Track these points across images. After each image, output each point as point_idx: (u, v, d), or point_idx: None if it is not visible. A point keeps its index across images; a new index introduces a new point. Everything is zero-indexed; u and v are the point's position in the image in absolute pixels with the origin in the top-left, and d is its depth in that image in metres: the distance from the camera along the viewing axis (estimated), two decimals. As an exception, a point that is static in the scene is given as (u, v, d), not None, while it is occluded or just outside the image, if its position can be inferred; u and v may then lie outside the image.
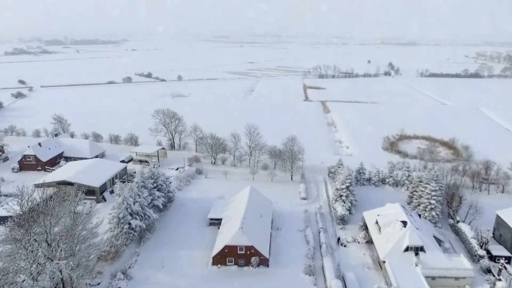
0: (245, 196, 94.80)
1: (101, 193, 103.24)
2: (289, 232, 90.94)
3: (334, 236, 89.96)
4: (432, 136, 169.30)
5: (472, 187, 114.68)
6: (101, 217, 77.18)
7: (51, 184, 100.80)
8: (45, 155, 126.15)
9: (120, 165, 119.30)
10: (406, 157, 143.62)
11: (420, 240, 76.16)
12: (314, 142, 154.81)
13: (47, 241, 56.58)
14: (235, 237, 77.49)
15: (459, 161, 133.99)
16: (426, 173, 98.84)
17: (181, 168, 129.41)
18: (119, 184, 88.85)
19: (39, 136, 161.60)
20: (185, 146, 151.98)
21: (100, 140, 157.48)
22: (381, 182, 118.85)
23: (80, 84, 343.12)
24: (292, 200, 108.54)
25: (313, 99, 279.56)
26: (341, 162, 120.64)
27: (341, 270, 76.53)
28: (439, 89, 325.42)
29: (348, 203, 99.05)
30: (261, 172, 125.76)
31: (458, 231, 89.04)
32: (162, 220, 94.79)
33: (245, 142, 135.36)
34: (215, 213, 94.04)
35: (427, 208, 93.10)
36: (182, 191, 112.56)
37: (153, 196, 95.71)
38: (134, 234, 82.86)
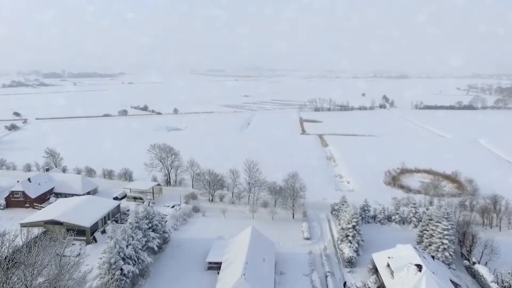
0: (246, 238, 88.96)
1: (92, 233, 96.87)
2: (293, 277, 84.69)
3: (342, 281, 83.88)
4: (433, 170, 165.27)
5: (482, 223, 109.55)
6: (90, 265, 71.09)
7: (39, 223, 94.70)
8: (34, 191, 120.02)
9: (113, 202, 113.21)
10: (410, 192, 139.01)
11: (438, 286, 70.29)
12: (314, 177, 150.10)
13: (28, 296, 50.47)
14: (237, 284, 71.32)
15: (465, 195, 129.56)
16: (436, 210, 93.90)
17: (177, 206, 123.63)
18: (111, 225, 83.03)
19: (29, 170, 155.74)
20: (181, 182, 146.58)
21: (93, 175, 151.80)
22: (386, 220, 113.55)
23: (75, 117, 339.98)
24: (294, 240, 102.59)
25: (310, 132, 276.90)
26: (344, 199, 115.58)
27: (352, 320, 70.34)
28: (435, 121, 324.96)
29: (355, 243, 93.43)
30: (261, 209, 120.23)
31: (475, 274, 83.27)
32: (157, 263, 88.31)
33: (244, 179, 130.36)
34: (214, 256, 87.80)
35: (440, 249, 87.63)
36: (178, 231, 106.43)
37: (148, 237, 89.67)
38: (126, 280, 76.16)
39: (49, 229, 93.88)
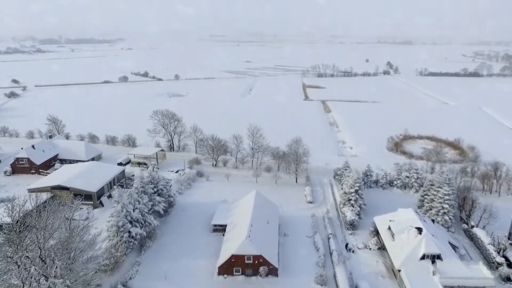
0: (250, 201, 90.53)
1: (98, 198, 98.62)
2: (297, 239, 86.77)
3: (344, 242, 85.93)
4: (436, 136, 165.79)
5: (482, 189, 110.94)
6: (99, 228, 72.83)
7: (46, 188, 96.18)
8: (39, 157, 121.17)
9: (117, 168, 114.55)
10: (412, 158, 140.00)
11: (436, 247, 72.22)
12: (317, 143, 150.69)
13: (41, 257, 52.05)
14: (243, 246, 73.22)
15: (467, 162, 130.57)
16: (438, 176, 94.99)
17: (181, 171, 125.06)
18: (117, 190, 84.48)
19: (32, 137, 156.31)
20: (185, 147, 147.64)
21: (96, 141, 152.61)
22: (388, 185, 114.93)
23: (75, 84, 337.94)
24: (298, 204, 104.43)
25: (313, 98, 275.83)
26: (347, 165, 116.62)
27: (354, 280, 72.49)
28: (439, 88, 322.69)
29: (357, 207, 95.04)
30: (264, 174, 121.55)
31: (473, 237, 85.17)
32: (163, 226, 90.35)
33: (247, 144, 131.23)
34: (219, 219, 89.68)
35: (440, 213, 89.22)
36: (183, 195, 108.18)
37: (154, 201, 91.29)
38: (134, 242, 78.41)
39: (56, 194, 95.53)
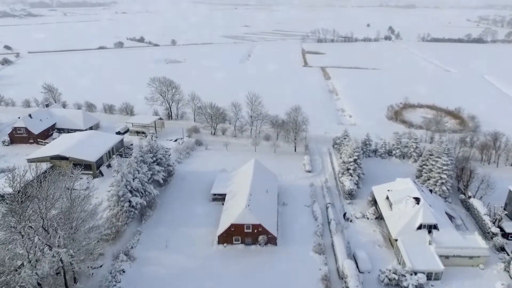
0: (249, 170, 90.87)
1: (97, 168, 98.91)
2: (295, 208, 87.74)
3: (342, 212, 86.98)
4: (436, 105, 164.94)
5: (480, 159, 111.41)
6: (99, 197, 73.40)
7: (45, 158, 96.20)
8: (36, 127, 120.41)
9: (116, 137, 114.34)
10: (412, 127, 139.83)
11: (434, 217, 73.21)
12: (316, 111, 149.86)
13: (44, 227, 52.64)
14: (242, 215, 74.02)
15: (467, 132, 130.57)
16: (437, 146, 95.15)
17: (180, 140, 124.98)
18: (116, 159, 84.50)
19: (29, 106, 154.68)
20: (183, 115, 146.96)
21: (94, 110, 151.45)
22: (387, 154, 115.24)
23: (69, 50, 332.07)
24: (296, 173, 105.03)
25: (313, 64, 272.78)
26: (346, 133, 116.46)
27: (351, 248, 73.82)
28: (441, 54, 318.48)
29: (356, 176, 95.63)
30: (263, 143, 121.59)
31: (469, 207, 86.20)
32: (163, 195, 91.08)
33: (246, 112, 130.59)
34: (218, 188, 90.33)
35: (438, 183, 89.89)
36: (182, 164, 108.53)
37: (153, 171, 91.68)
38: (134, 212, 79.20)
39: (56, 164, 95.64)
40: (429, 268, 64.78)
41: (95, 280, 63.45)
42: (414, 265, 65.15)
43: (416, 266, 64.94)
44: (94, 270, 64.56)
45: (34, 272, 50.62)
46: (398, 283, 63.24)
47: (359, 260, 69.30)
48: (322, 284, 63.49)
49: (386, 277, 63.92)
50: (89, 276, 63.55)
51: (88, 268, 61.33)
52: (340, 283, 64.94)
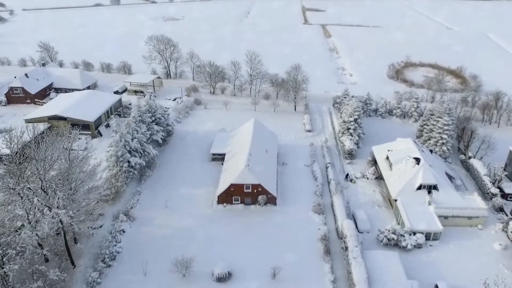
0: (249, 129, 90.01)
1: (96, 128, 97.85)
2: (295, 168, 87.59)
3: (342, 172, 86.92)
4: (438, 64, 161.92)
5: (482, 119, 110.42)
6: (98, 158, 72.93)
7: (43, 119, 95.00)
8: (33, 86, 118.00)
9: (114, 96, 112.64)
10: (413, 86, 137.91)
11: (433, 178, 73.13)
12: (316, 70, 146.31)
13: (43, 189, 52.33)
14: (242, 175, 73.82)
15: (468, 91, 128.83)
16: (438, 106, 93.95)
17: (179, 99, 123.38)
18: (114, 119, 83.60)
19: (25, 65, 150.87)
20: (182, 74, 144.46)
21: (91, 69, 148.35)
22: (388, 114, 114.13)
23: (65, 7, 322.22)
24: (296, 132, 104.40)
25: (313, 22, 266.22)
26: (347, 92, 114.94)
27: (351, 208, 74.20)
28: (444, 11, 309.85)
29: (356, 136, 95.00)
30: (263, 102, 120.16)
31: (469, 168, 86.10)
32: (162, 155, 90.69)
33: (245, 70, 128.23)
34: (217, 148, 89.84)
35: (438, 143, 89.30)
36: (181, 124, 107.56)
37: (152, 130, 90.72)
38: (134, 172, 78.95)
39: (54, 125, 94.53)
40: (428, 228, 65.27)
41: (95, 240, 63.94)
42: (413, 225, 65.58)
43: (415, 226, 65.40)
44: (94, 231, 64.95)
45: (34, 233, 50.78)
46: (397, 243, 63.85)
47: (358, 220, 69.74)
48: (321, 244, 64.06)
49: (385, 237, 64.50)
50: (89, 237, 64.03)
51: (88, 229, 61.59)
52: (339, 243, 65.56)
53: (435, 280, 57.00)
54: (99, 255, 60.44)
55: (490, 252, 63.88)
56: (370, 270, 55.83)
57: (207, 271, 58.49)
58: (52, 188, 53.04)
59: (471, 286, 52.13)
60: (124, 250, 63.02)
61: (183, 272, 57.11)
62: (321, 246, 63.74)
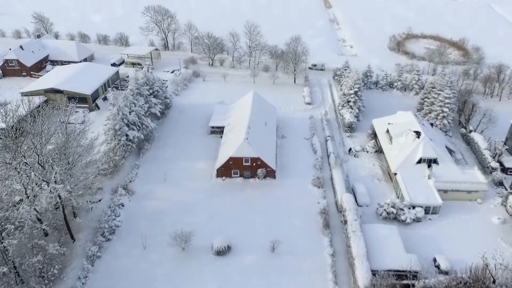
0: (248, 102, 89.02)
1: (93, 101, 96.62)
2: (295, 141, 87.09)
3: (341, 145, 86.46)
4: (440, 36, 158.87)
5: (483, 92, 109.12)
6: (96, 131, 72.14)
7: (39, 92, 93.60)
8: (29, 59, 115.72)
9: (111, 69, 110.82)
10: (414, 59, 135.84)
11: (434, 152, 72.72)
12: (316, 41, 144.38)
13: (40, 163, 51.75)
14: (241, 148, 73.27)
15: (470, 64, 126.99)
16: (440, 79, 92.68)
17: (177, 71, 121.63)
18: (112, 92, 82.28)
19: (20, 37, 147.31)
20: (180, 46, 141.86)
21: (88, 40, 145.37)
22: (388, 86, 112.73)
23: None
24: (296, 105, 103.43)
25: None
26: (347, 64, 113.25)
27: (350, 182, 74.07)
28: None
29: (356, 109, 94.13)
30: (262, 74, 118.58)
31: (470, 141, 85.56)
32: (161, 129, 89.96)
33: (244, 42, 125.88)
34: (216, 121, 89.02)
35: (439, 116, 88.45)
36: (179, 96, 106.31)
37: (150, 103, 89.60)
38: (132, 146, 78.31)
39: (50, 98, 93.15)
40: (427, 202, 65.31)
41: (94, 214, 63.89)
42: (413, 199, 65.60)
43: (414, 200, 65.42)
44: (93, 205, 64.95)
45: (33, 208, 50.54)
46: (396, 216, 63.98)
47: (357, 194, 69.72)
48: (320, 217, 64.16)
49: (384, 210, 64.56)
50: (88, 211, 64.01)
51: (87, 203, 61.58)
52: (338, 216, 65.72)
53: (434, 254, 57.45)
54: (98, 229, 60.54)
55: (488, 226, 64.18)
56: (369, 244, 56.02)
57: (207, 244, 58.76)
58: (49, 162, 52.52)
59: (469, 259, 52.02)
60: (123, 224, 63.11)
61: (183, 245, 57.32)
62: (320, 220, 63.85)
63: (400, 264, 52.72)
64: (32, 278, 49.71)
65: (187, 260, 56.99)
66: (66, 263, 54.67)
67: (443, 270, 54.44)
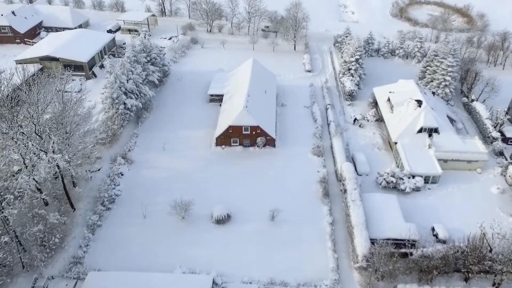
0: (247, 70, 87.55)
1: (90, 69, 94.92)
2: (294, 109, 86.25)
3: (342, 113, 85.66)
4: (444, 2, 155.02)
5: (487, 61, 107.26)
6: (93, 100, 71.05)
7: (34, 60, 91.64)
8: (22, 25, 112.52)
9: (107, 36, 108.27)
10: (417, 26, 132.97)
11: (435, 121, 72.06)
12: (317, 7, 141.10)
13: (37, 133, 51.06)
14: (240, 116, 72.38)
15: (474, 31, 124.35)
16: (443, 46, 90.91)
17: (175, 38, 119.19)
18: (108, 59, 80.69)
19: (12, 2, 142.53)
20: (177, 11, 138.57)
21: (82, 6, 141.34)
22: (390, 54, 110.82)
23: None
24: (296, 72, 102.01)
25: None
26: (348, 31, 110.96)
27: (350, 151, 73.75)
28: None
29: (357, 77, 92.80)
30: (261, 41, 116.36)
31: (471, 111, 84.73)
32: (159, 97, 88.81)
33: (243, 7, 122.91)
34: (215, 89, 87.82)
35: (441, 85, 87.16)
36: (177, 64, 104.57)
37: (147, 71, 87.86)
38: (130, 114, 77.38)
39: (46, 66, 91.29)
40: (427, 171, 65.16)
41: (94, 183, 63.71)
42: (412, 169, 65.40)
43: (414, 170, 65.24)
44: (92, 174, 64.63)
45: (31, 178, 50.21)
46: (395, 186, 63.99)
47: (357, 163, 69.50)
48: (320, 186, 64.15)
49: (384, 180, 64.47)
50: (88, 180, 63.77)
51: (86, 172, 61.25)
52: (338, 185, 65.76)
53: (432, 223, 57.76)
54: (98, 198, 60.56)
55: (487, 195, 64.18)
56: (368, 213, 56.18)
57: (206, 213, 58.94)
58: (46, 132, 51.83)
59: (467, 229, 52.49)
60: (123, 193, 63.10)
61: (182, 214, 57.51)
62: (320, 189, 63.87)
63: (399, 233, 53.01)
64: (34, 247, 49.90)
65: (187, 228, 57.26)
66: (67, 232, 54.89)
67: (441, 239, 54.84)
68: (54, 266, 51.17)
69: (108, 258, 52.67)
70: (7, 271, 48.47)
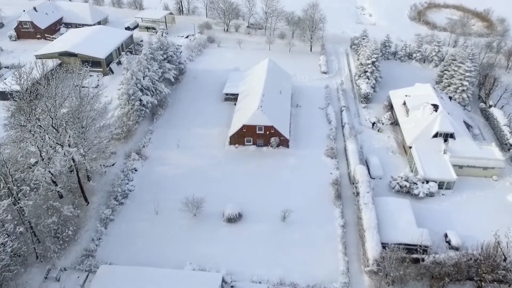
0: (263, 70, 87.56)
1: (107, 65, 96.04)
2: (309, 110, 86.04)
3: (357, 116, 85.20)
4: (464, 5, 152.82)
5: (506, 66, 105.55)
6: (109, 96, 71.77)
7: (53, 55, 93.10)
8: (43, 21, 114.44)
9: (125, 33, 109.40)
10: (435, 29, 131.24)
11: (451, 126, 71.21)
12: (334, 8, 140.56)
13: (54, 126, 51.89)
14: (254, 116, 72.52)
15: (494, 36, 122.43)
16: (461, 51, 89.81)
17: (192, 36, 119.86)
18: (126, 56, 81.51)
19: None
20: (195, 10, 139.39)
21: (101, 3, 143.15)
22: (407, 57, 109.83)
23: None
24: (311, 73, 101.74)
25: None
26: (365, 34, 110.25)
27: (364, 154, 73.30)
28: None
29: (373, 80, 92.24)
30: (278, 41, 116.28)
31: (489, 117, 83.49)
32: (174, 94, 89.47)
33: (260, 7, 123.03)
34: (230, 88, 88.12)
35: (458, 90, 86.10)
36: (193, 62, 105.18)
37: (164, 68, 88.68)
38: (146, 111, 78.14)
39: (64, 61, 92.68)
40: (441, 177, 64.36)
41: (108, 178, 64.47)
42: (427, 174, 64.71)
43: (428, 175, 64.54)
44: (106, 169, 65.39)
45: (47, 170, 51.03)
46: (409, 190, 63.38)
47: (371, 166, 69.07)
48: (333, 188, 63.83)
49: (397, 184, 63.95)
50: (102, 174, 64.54)
51: (100, 167, 62.02)
52: (351, 188, 65.39)
53: (445, 229, 57.06)
54: (111, 193, 61.27)
55: (503, 203, 63.05)
56: (380, 216, 55.79)
57: (218, 211, 59.14)
58: (62, 126, 52.63)
59: (481, 236, 51.69)
60: (136, 189, 63.73)
61: (194, 211, 57.79)
62: (332, 191, 63.58)
63: (411, 238, 52.47)
64: (48, 238, 50.72)
65: (198, 226, 57.55)
66: (80, 225, 55.66)
67: (453, 246, 54.17)
68: (67, 258, 51.97)
69: (119, 252, 53.28)
70: (22, 261, 49.42)
